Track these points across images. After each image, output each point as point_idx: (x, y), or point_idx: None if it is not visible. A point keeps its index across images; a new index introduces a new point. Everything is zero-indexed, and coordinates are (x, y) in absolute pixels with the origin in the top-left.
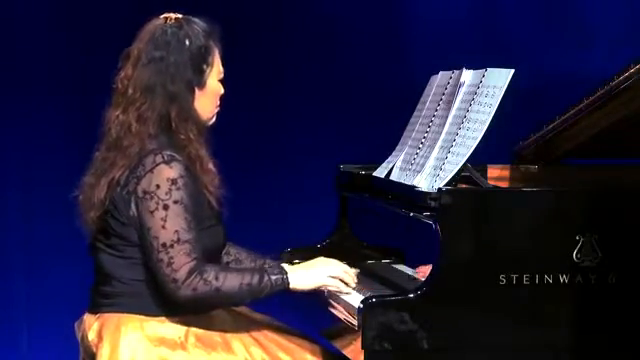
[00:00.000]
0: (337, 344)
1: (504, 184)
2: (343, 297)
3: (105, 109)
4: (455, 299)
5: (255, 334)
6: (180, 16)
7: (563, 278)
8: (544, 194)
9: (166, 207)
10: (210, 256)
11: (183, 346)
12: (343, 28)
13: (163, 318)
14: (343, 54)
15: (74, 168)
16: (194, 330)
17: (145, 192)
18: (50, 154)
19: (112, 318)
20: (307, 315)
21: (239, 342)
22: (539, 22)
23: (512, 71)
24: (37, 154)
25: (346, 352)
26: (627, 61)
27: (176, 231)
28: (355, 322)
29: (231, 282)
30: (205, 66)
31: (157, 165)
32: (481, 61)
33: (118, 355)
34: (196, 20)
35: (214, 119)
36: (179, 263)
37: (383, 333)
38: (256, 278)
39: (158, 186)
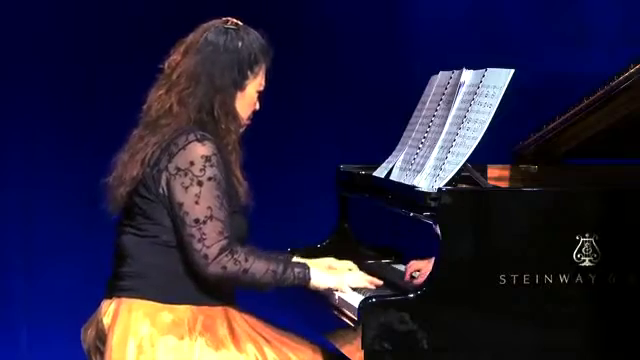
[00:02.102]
0: (337, 344)
1: (504, 184)
2: (343, 297)
3: (106, 110)
4: (455, 299)
5: (266, 334)
6: (240, 23)
7: (563, 278)
8: (544, 194)
9: (200, 183)
10: None
11: (191, 333)
12: (343, 28)
13: (174, 306)
14: (343, 54)
15: (75, 168)
16: (203, 321)
17: (178, 169)
18: (50, 154)
19: (125, 302)
20: (308, 315)
21: (250, 340)
22: (539, 22)
23: (512, 71)
24: (37, 154)
25: (346, 352)
26: (627, 61)
27: (209, 207)
28: (355, 322)
29: (258, 266)
30: (249, 72)
31: (190, 142)
32: (481, 61)
33: (127, 341)
34: (255, 32)
35: (242, 129)
36: (211, 240)
37: (383, 333)
38: (281, 267)
39: (192, 163)
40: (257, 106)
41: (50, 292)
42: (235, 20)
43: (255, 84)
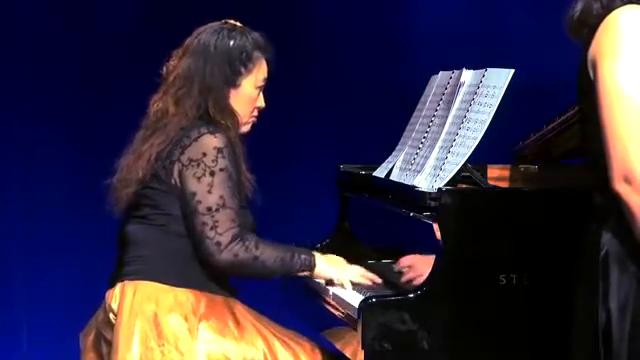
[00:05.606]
0: (337, 344)
1: (504, 184)
2: (343, 297)
3: (107, 110)
4: (455, 299)
5: (269, 326)
6: (239, 24)
7: (563, 278)
8: (544, 194)
9: (212, 173)
10: None
11: (195, 313)
12: (343, 28)
13: (178, 289)
14: (343, 54)
15: (75, 169)
16: (206, 304)
17: (191, 160)
18: (51, 155)
19: (130, 284)
20: (308, 315)
21: (256, 331)
22: (539, 22)
23: (512, 71)
24: (37, 154)
25: (346, 352)
26: None
27: (221, 196)
28: (355, 322)
29: (268, 253)
30: (243, 69)
31: (202, 135)
32: (481, 61)
33: (135, 321)
34: (253, 32)
35: (247, 127)
36: (224, 227)
37: (383, 333)
38: (289, 254)
39: (204, 154)
40: (261, 103)
41: (50, 292)
42: (233, 22)
43: (251, 80)
